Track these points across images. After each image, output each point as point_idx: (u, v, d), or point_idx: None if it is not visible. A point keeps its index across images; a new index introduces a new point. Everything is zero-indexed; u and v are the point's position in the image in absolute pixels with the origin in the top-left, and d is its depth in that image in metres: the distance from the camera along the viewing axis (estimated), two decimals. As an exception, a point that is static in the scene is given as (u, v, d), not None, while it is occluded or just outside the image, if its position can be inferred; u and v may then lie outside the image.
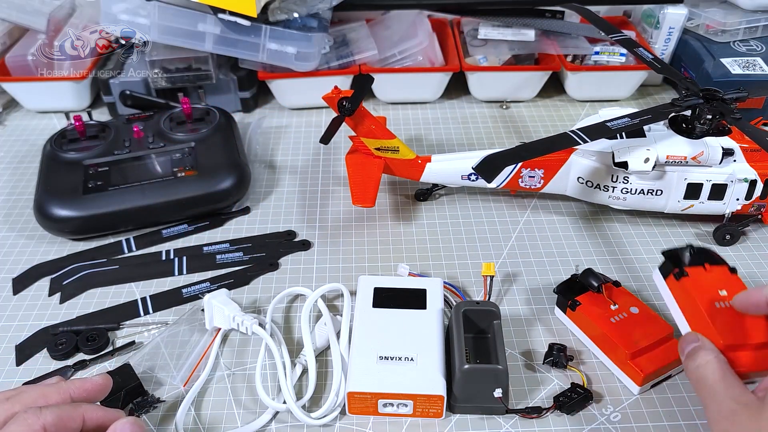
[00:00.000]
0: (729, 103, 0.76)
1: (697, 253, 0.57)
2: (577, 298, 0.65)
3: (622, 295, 0.65)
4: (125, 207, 0.80)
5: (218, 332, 0.68)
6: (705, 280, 0.55)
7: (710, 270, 0.56)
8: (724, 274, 0.56)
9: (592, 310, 0.64)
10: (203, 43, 0.96)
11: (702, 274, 0.55)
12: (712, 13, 1.10)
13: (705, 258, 0.57)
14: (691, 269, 0.56)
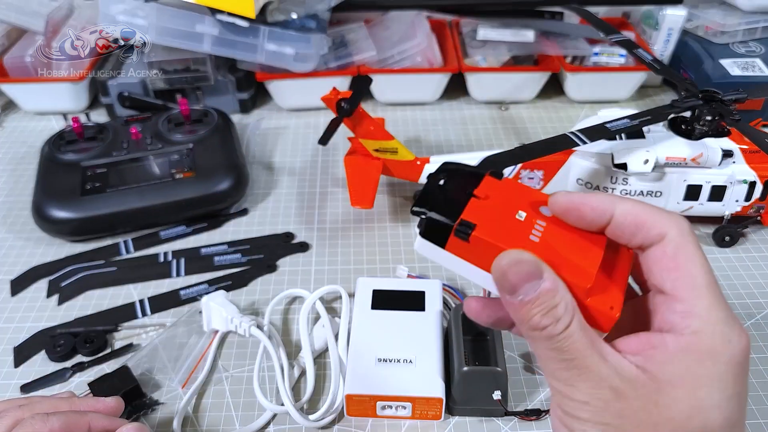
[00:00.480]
0: (728, 104, 0.76)
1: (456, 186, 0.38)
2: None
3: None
4: (123, 209, 0.80)
5: (216, 334, 0.68)
6: (494, 214, 0.36)
7: (488, 195, 0.37)
8: (501, 189, 0.38)
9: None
10: (201, 44, 0.96)
11: (485, 208, 0.36)
12: (711, 15, 1.10)
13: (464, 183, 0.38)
14: (469, 212, 0.36)
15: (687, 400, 0.30)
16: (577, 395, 0.31)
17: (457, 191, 0.37)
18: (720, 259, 0.78)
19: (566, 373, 0.31)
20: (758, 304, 0.73)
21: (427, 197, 0.37)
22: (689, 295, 0.32)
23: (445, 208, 0.36)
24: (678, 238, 0.33)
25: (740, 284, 0.75)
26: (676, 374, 0.30)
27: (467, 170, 0.39)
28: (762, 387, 0.64)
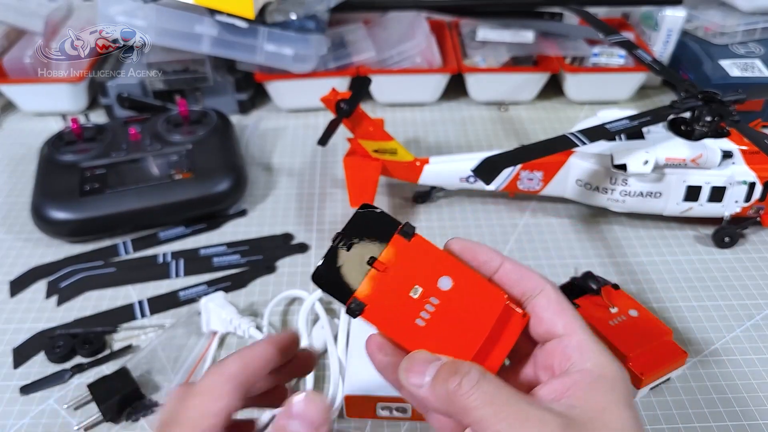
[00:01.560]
0: (728, 105, 0.76)
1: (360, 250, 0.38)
2: (576, 300, 0.64)
3: (621, 298, 0.64)
4: (122, 209, 0.80)
5: (215, 335, 0.68)
6: (388, 290, 0.37)
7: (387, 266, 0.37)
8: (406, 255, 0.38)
9: (590, 313, 0.62)
10: (200, 45, 0.96)
11: (381, 283, 0.37)
12: (710, 15, 1.10)
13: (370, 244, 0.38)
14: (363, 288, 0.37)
15: (617, 421, 0.33)
16: None
17: (358, 258, 0.37)
18: (719, 260, 0.78)
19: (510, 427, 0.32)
20: (758, 305, 0.73)
21: (330, 262, 0.38)
22: (581, 335, 0.36)
23: (339, 282, 0.37)
24: (554, 291, 0.37)
25: (739, 285, 0.75)
26: (599, 403, 0.33)
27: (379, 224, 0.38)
28: (762, 388, 0.63)
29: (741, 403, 0.62)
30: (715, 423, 0.60)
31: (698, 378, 0.65)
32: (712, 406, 0.62)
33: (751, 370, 0.65)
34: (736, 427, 0.60)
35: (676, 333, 0.69)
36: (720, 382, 0.64)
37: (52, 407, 0.62)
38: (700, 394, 0.63)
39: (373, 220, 0.38)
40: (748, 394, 0.63)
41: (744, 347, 0.68)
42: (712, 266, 0.78)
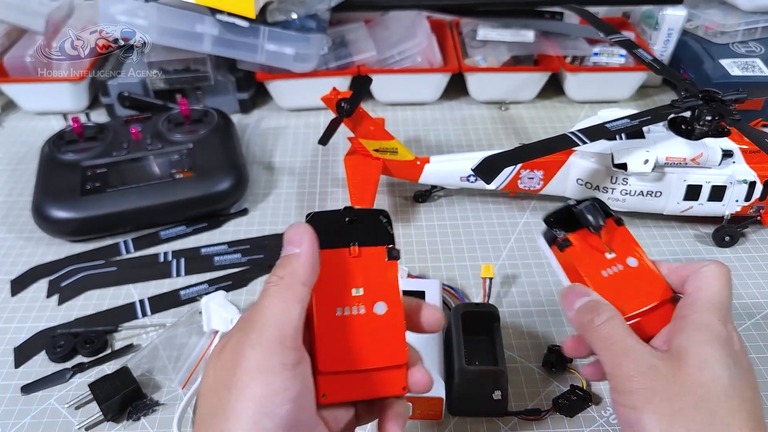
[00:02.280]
0: (728, 104, 0.76)
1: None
2: (570, 236, 0.49)
3: (622, 240, 0.50)
4: (123, 208, 0.80)
5: (216, 334, 0.68)
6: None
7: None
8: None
9: (582, 256, 0.49)
10: (201, 44, 0.96)
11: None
12: (711, 15, 1.10)
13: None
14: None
15: (696, 357, 0.38)
16: (624, 371, 0.39)
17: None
18: (720, 259, 0.78)
19: (615, 356, 0.40)
20: (758, 304, 0.73)
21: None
22: (698, 294, 0.42)
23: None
24: (714, 268, 0.43)
25: (740, 284, 0.75)
26: (684, 341, 0.39)
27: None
28: (762, 387, 0.63)
29: (741, 402, 0.62)
30: (716, 422, 0.60)
31: (698, 377, 0.65)
32: (713, 405, 0.62)
33: (751, 369, 0.65)
34: (737, 425, 0.60)
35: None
36: (720, 381, 0.64)
37: (53, 406, 0.63)
38: (701, 393, 0.63)
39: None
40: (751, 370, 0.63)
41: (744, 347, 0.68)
42: (712, 265, 0.78)
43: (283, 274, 0.37)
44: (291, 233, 0.39)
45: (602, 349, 0.41)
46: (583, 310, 0.43)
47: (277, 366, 0.34)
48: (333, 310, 0.40)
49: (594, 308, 0.42)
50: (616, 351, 0.40)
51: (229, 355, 0.36)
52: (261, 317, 0.36)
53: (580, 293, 0.44)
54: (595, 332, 0.41)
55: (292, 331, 0.36)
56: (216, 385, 0.36)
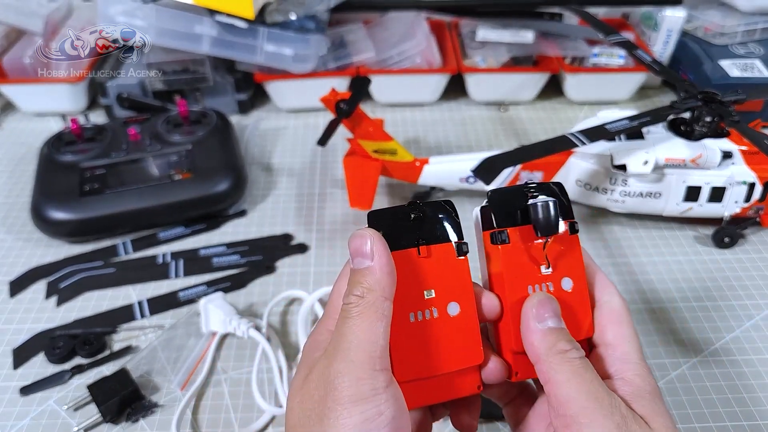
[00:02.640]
0: (727, 105, 0.76)
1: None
2: (511, 230, 0.39)
3: (567, 253, 0.40)
4: (122, 210, 0.80)
5: (215, 336, 0.68)
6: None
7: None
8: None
9: (514, 261, 0.39)
10: (200, 45, 0.96)
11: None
12: (710, 16, 1.10)
13: None
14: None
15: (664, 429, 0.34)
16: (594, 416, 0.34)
17: None
18: (719, 261, 0.78)
19: (585, 398, 0.34)
20: (757, 305, 0.73)
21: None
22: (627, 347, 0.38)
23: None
24: (622, 305, 0.39)
25: (739, 285, 0.75)
26: (645, 410, 0.35)
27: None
28: (761, 388, 0.63)
29: (740, 404, 0.62)
30: (715, 423, 0.60)
31: (698, 378, 0.65)
32: (712, 406, 0.62)
33: (750, 371, 0.65)
34: (736, 427, 0.60)
35: (676, 333, 0.69)
36: (720, 382, 0.64)
37: (52, 408, 0.63)
38: (700, 395, 0.63)
39: None
40: (747, 394, 0.63)
41: (744, 347, 0.68)
42: (711, 266, 0.78)
43: (361, 292, 0.35)
44: (357, 243, 0.36)
45: (569, 382, 0.35)
46: (556, 334, 0.37)
47: (369, 392, 0.33)
48: (406, 316, 0.38)
49: (570, 339, 0.37)
50: (590, 391, 0.34)
51: (315, 386, 0.34)
52: (345, 342, 0.34)
53: (555, 312, 0.38)
54: (565, 364, 0.35)
55: (380, 352, 0.34)
56: (304, 419, 0.34)
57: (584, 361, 0.35)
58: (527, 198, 0.39)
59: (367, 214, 0.38)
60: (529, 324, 0.37)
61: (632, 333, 0.38)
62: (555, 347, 0.36)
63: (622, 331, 0.38)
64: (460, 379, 0.39)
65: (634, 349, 0.38)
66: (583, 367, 0.35)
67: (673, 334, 0.69)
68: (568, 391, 0.34)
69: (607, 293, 0.40)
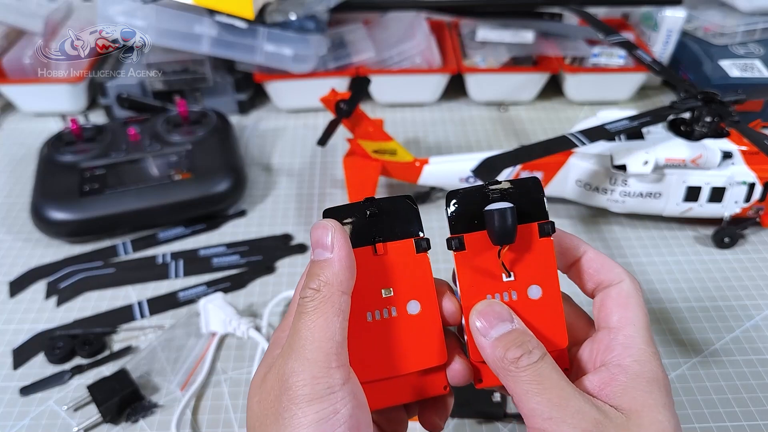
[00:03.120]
0: (727, 105, 0.76)
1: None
2: (468, 235, 0.37)
3: (537, 258, 0.37)
4: (121, 210, 0.80)
5: (215, 336, 0.68)
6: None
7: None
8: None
9: (469, 268, 0.37)
10: (200, 45, 0.96)
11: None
12: (710, 16, 1.10)
13: None
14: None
15: (650, 425, 0.32)
16: (560, 428, 0.32)
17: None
18: (719, 261, 0.78)
19: (548, 408, 0.32)
20: (757, 305, 0.73)
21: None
22: (630, 330, 0.36)
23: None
24: (631, 287, 0.37)
25: (739, 286, 0.75)
26: (636, 402, 0.33)
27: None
28: (761, 388, 0.63)
29: (740, 404, 0.62)
30: (715, 423, 0.60)
31: (698, 378, 0.65)
32: (712, 406, 0.62)
33: (750, 371, 0.65)
34: (736, 427, 0.60)
35: (675, 333, 0.69)
36: (720, 382, 0.64)
37: (51, 408, 0.62)
38: (700, 395, 0.63)
39: None
40: (747, 394, 0.63)
41: (744, 348, 0.68)
42: (711, 267, 0.78)
43: (317, 285, 0.33)
44: (318, 234, 0.35)
45: (528, 394, 0.33)
46: (504, 342, 0.34)
47: (325, 391, 0.32)
48: (363, 316, 0.37)
49: (521, 342, 0.34)
50: (551, 399, 0.32)
51: (272, 385, 0.33)
52: (300, 339, 0.33)
53: (500, 316, 0.35)
54: (520, 373, 0.33)
55: (336, 348, 0.33)
56: (262, 417, 0.33)
57: (542, 365, 0.33)
58: (487, 201, 0.36)
59: (323, 212, 0.37)
60: (476, 339, 0.36)
61: (639, 315, 0.36)
62: (505, 358, 0.34)
63: (628, 314, 0.36)
64: (425, 380, 0.38)
65: (638, 333, 0.35)
66: (540, 373, 0.33)
67: (672, 334, 0.69)
68: (529, 403, 0.33)
69: (615, 275, 0.38)
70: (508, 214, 0.35)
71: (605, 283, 0.38)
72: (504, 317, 0.35)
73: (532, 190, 0.36)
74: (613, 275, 0.38)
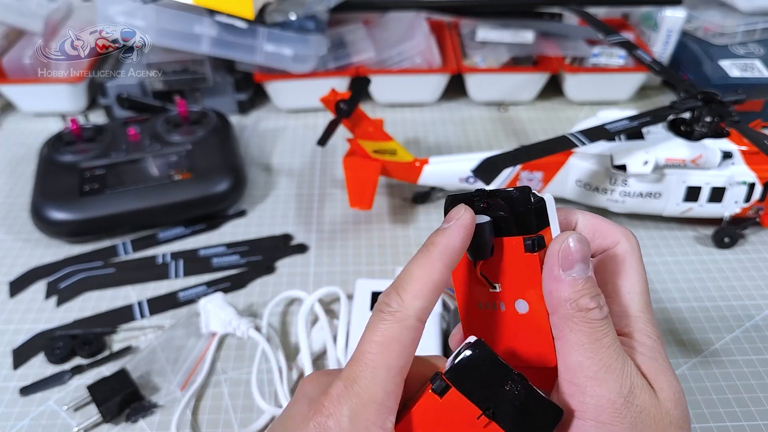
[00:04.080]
0: (727, 105, 0.76)
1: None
2: None
3: (522, 273, 0.34)
4: (121, 210, 0.80)
5: (214, 336, 0.68)
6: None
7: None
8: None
9: (462, 278, 0.37)
10: (200, 45, 0.96)
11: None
12: (710, 16, 1.10)
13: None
14: None
15: (669, 388, 0.32)
16: (601, 390, 0.31)
17: None
18: (719, 261, 0.78)
19: (596, 368, 0.31)
20: (757, 305, 0.73)
21: None
22: (625, 299, 0.35)
23: None
24: (627, 247, 0.36)
25: (739, 286, 0.75)
26: (651, 370, 0.32)
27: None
28: (761, 388, 0.63)
29: (740, 404, 0.62)
30: (715, 423, 0.60)
31: (698, 378, 0.65)
32: (712, 406, 0.62)
33: (750, 371, 0.65)
34: (736, 427, 0.60)
35: (676, 333, 0.69)
36: (720, 382, 0.64)
37: (51, 408, 0.63)
38: (700, 395, 0.63)
39: None
40: (747, 394, 0.63)
41: (744, 348, 0.68)
42: (711, 267, 0.78)
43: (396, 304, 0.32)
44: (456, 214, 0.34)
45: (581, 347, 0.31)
46: (579, 287, 0.32)
47: None
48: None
49: (595, 294, 0.32)
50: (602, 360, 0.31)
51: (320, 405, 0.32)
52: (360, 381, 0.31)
53: (585, 258, 0.32)
54: (583, 325, 0.31)
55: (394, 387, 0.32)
56: None
57: (605, 324, 0.32)
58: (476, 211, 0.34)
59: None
60: (552, 269, 0.32)
61: (635, 282, 0.35)
62: (577, 302, 0.31)
63: (622, 281, 0.35)
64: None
65: (634, 300, 0.34)
66: (602, 330, 0.31)
67: (673, 334, 0.69)
68: (578, 356, 0.31)
69: (610, 240, 0.36)
70: (485, 229, 0.34)
71: (601, 249, 0.36)
72: (588, 260, 0.32)
73: (520, 202, 0.34)
74: (608, 240, 0.36)
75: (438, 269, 0.32)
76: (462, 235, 0.33)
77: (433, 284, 0.32)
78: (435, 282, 0.32)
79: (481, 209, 0.34)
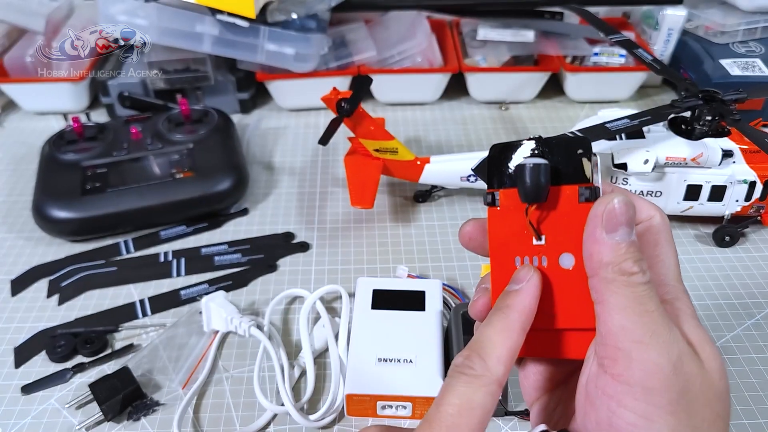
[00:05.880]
0: (728, 104, 0.76)
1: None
2: (503, 191, 0.34)
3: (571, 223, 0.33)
4: (123, 208, 0.80)
5: (216, 335, 0.68)
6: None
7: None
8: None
9: (502, 227, 0.34)
10: (201, 44, 0.96)
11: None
12: (711, 15, 1.10)
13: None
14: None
15: (711, 354, 0.32)
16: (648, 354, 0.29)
17: None
18: (720, 259, 0.78)
19: (642, 331, 0.29)
20: (758, 303, 0.73)
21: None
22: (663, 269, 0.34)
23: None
24: (661, 222, 0.35)
25: (740, 284, 0.75)
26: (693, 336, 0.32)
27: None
28: (762, 387, 0.64)
29: (741, 403, 0.62)
30: (716, 422, 0.60)
31: (699, 377, 0.65)
32: (713, 404, 0.62)
33: (751, 369, 0.65)
34: (737, 426, 0.60)
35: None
36: (720, 380, 0.64)
37: (53, 407, 0.63)
38: (701, 393, 0.63)
39: None
40: (748, 393, 0.63)
41: (745, 346, 0.68)
42: (712, 265, 0.78)
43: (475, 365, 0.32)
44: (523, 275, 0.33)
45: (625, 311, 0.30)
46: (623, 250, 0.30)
47: None
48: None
49: (638, 258, 0.30)
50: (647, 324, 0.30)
51: None
52: None
53: (630, 222, 0.31)
54: (626, 288, 0.30)
55: None
56: None
57: (648, 289, 0.30)
58: (530, 155, 0.33)
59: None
60: (594, 231, 0.31)
61: (668, 252, 0.34)
62: (620, 266, 0.30)
63: (656, 251, 0.34)
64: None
65: (668, 269, 0.34)
66: (647, 295, 0.30)
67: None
68: (622, 320, 0.30)
69: (645, 213, 0.35)
70: (541, 170, 0.32)
71: (637, 222, 0.34)
72: (632, 224, 0.31)
73: (580, 151, 0.32)
74: (644, 214, 0.35)
75: (517, 334, 0.32)
76: (535, 295, 0.33)
77: (514, 350, 0.32)
78: (515, 348, 0.32)
79: (536, 155, 0.33)
